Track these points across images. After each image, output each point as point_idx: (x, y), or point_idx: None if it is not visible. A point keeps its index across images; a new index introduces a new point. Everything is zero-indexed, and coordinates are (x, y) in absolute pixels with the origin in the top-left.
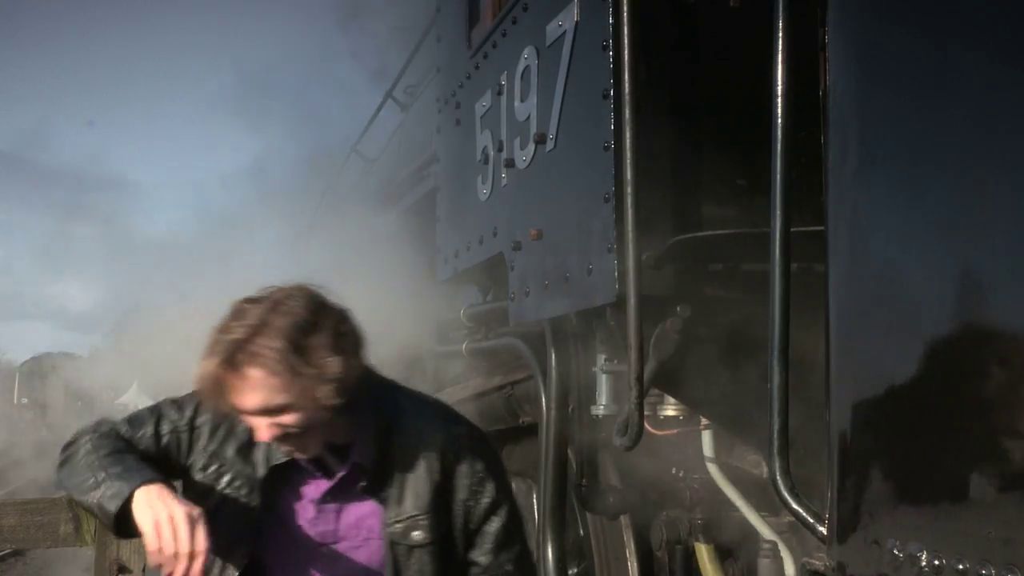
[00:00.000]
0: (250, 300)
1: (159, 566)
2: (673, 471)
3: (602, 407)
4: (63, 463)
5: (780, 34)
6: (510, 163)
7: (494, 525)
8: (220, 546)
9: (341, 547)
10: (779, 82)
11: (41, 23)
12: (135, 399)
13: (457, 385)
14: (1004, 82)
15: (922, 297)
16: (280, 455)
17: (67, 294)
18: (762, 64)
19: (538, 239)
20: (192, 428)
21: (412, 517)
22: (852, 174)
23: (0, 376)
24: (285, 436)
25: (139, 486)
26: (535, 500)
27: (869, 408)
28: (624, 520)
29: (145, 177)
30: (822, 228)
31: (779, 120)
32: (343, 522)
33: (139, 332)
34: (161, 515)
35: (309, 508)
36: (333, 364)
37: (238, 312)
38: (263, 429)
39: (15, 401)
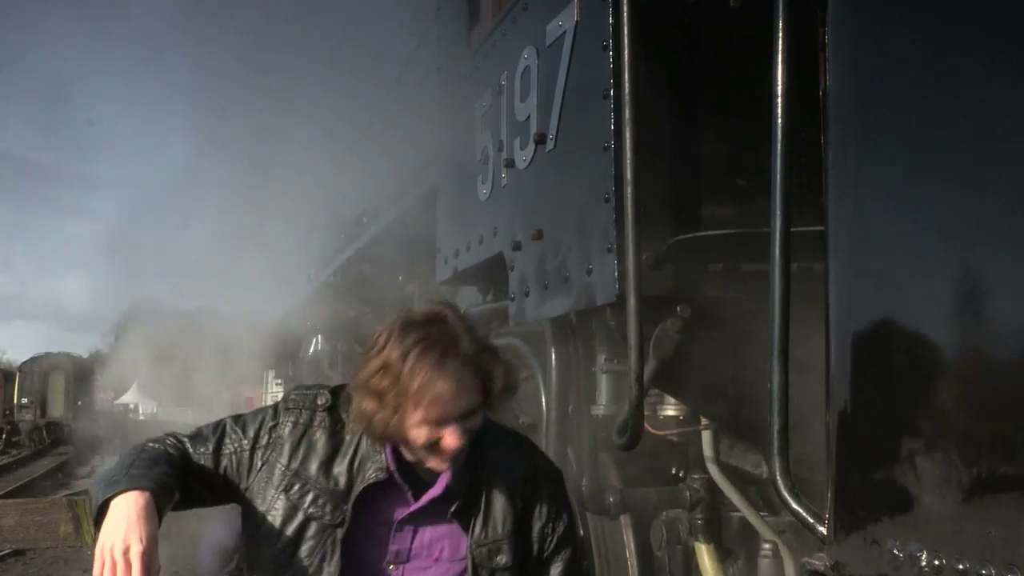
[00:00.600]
0: (411, 317)
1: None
2: (673, 471)
3: (602, 407)
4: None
5: (780, 34)
6: (510, 163)
7: (565, 555)
8: (307, 567)
9: (410, 567)
10: (779, 82)
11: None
12: (135, 399)
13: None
14: (1004, 82)
15: (922, 297)
16: (372, 473)
17: (67, 294)
18: (762, 64)
19: (538, 239)
20: (255, 449)
21: (496, 541)
22: (852, 174)
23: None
24: (462, 448)
25: (126, 490)
26: None
27: (869, 408)
28: (624, 520)
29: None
30: (822, 228)
31: (779, 120)
32: (417, 543)
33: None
34: (116, 543)
35: (386, 528)
36: (500, 367)
37: (408, 325)
38: (454, 436)
39: (15, 401)
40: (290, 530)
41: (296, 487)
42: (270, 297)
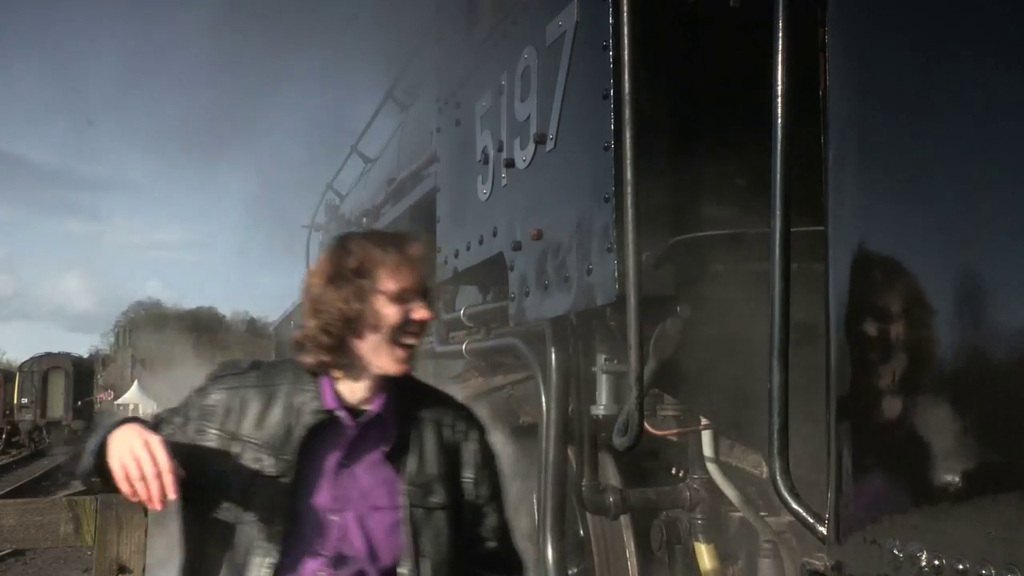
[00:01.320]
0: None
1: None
2: (673, 471)
3: (602, 407)
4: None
5: (780, 34)
6: (510, 163)
7: (496, 501)
8: (259, 520)
9: (350, 515)
10: (779, 82)
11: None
12: (135, 399)
13: (457, 385)
14: (1004, 82)
15: (922, 297)
16: (310, 416)
17: (67, 294)
18: (762, 64)
19: (538, 239)
20: (187, 422)
21: (429, 481)
22: (852, 174)
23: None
24: (426, 327)
25: (110, 432)
26: (535, 500)
27: (869, 408)
28: (624, 520)
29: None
30: (822, 228)
31: (779, 120)
32: (356, 490)
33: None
34: (123, 451)
35: (327, 475)
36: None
37: (344, 239)
38: (423, 309)
39: (15, 401)
40: (237, 489)
41: (235, 446)
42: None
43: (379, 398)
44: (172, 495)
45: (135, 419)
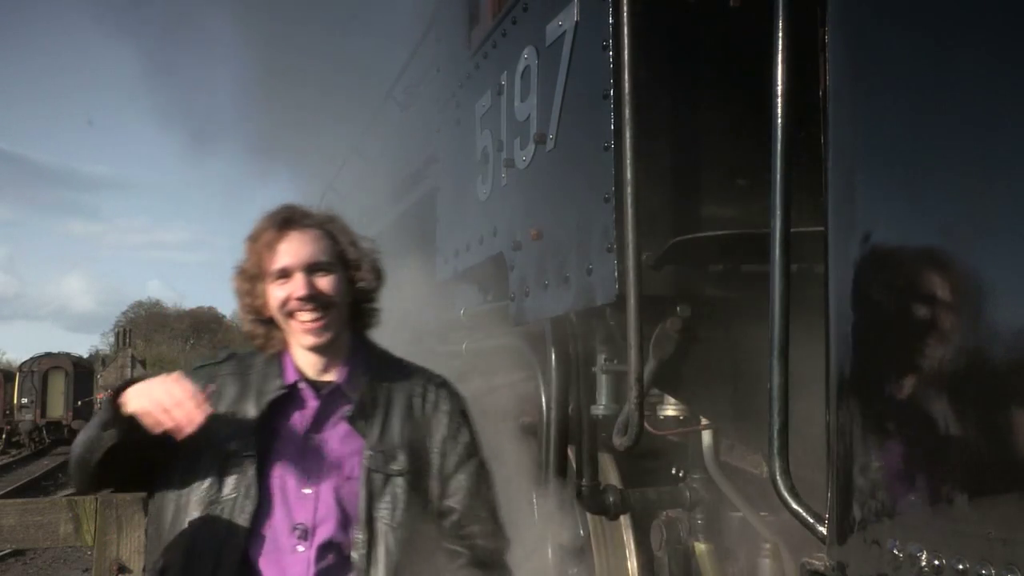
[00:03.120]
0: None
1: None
2: (673, 471)
3: (602, 407)
4: (77, 447)
5: (780, 34)
6: (510, 163)
7: (467, 471)
8: (233, 499)
9: (324, 488)
10: (779, 82)
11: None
12: None
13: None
14: (1004, 82)
15: (922, 297)
16: (273, 392)
17: (69, 294)
18: (762, 63)
19: (538, 239)
20: None
21: (392, 448)
22: (852, 174)
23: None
24: (315, 301)
25: (119, 391)
26: (535, 500)
27: (869, 408)
28: (624, 520)
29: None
30: (822, 228)
31: (779, 120)
32: (326, 461)
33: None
34: (148, 389)
35: (296, 449)
36: (371, 260)
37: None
38: (300, 283)
39: (15, 401)
40: (212, 470)
41: (212, 427)
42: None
43: (342, 370)
44: (204, 413)
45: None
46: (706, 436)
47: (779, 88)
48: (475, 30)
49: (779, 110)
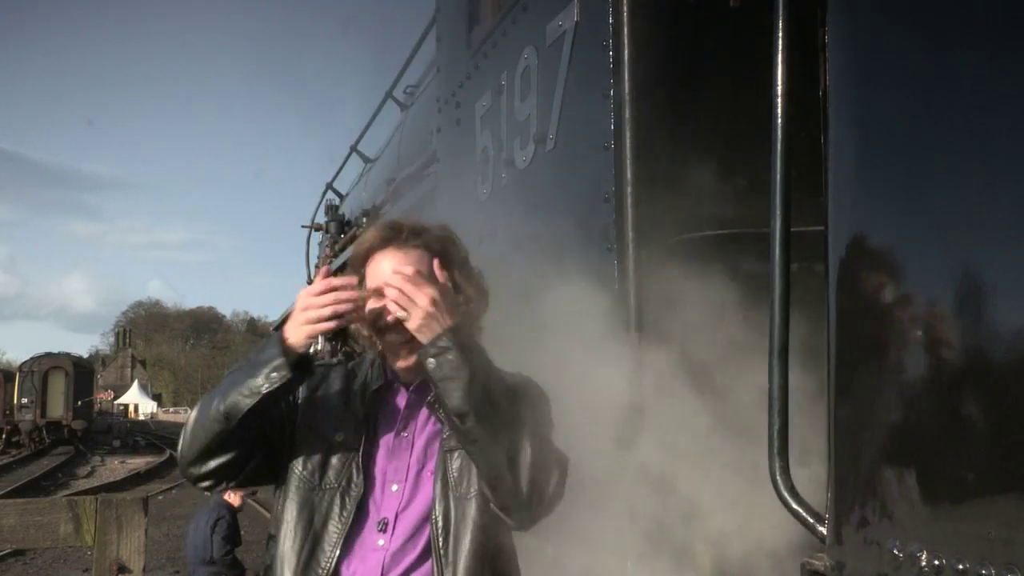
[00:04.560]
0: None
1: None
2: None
3: None
4: (207, 402)
5: (780, 34)
6: (510, 163)
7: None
8: (335, 488)
9: (409, 484)
10: (779, 82)
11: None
12: (135, 399)
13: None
14: (1004, 81)
15: (922, 296)
16: (369, 391)
17: (70, 294)
18: (762, 63)
19: (538, 239)
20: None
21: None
22: (852, 174)
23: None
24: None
25: (279, 338)
26: None
27: (869, 408)
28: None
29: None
30: (822, 228)
31: (779, 120)
32: (414, 456)
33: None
34: (307, 301)
35: (387, 446)
36: (478, 283)
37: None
38: (386, 303)
39: (15, 401)
40: (316, 457)
41: (318, 415)
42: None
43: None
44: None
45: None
46: (706, 436)
47: (779, 88)
48: (475, 30)
49: (779, 110)
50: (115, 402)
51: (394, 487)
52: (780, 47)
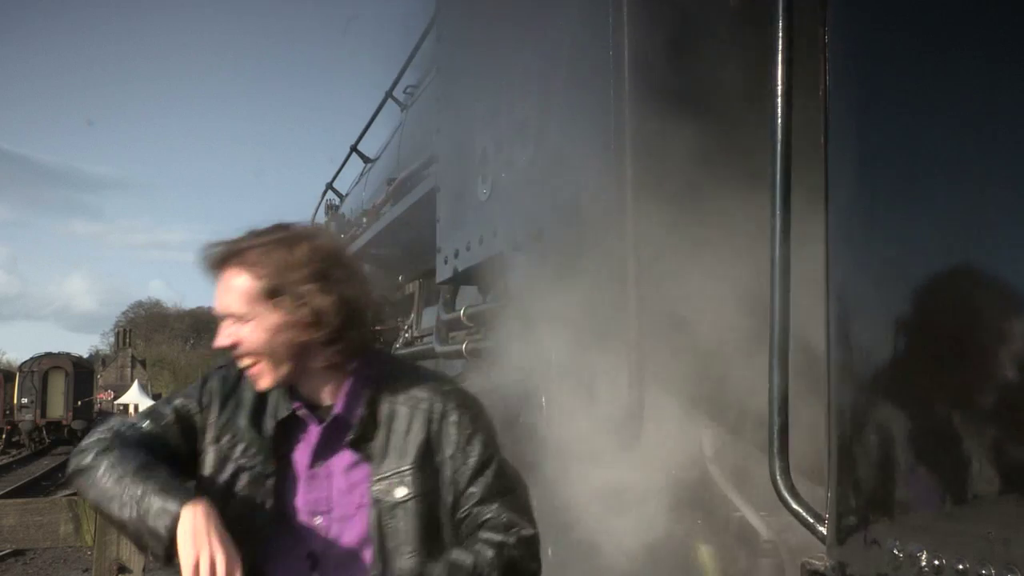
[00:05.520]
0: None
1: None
2: (673, 471)
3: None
4: (83, 471)
5: (780, 34)
6: (510, 163)
7: (484, 480)
8: (241, 516)
9: (335, 516)
10: (779, 82)
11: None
12: (135, 399)
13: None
14: (1005, 82)
15: (922, 296)
16: (276, 418)
17: (71, 294)
18: (762, 63)
19: (538, 239)
20: (202, 408)
21: (397, 473)
22: (852, 174)
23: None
24: (240, 350)
25: (184, 506)
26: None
27: (869, 408)
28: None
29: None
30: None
31: (779, 120)
32: (335, 489)
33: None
34: (203, 555)
35: (303, 477)
36: (314, 299)
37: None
38: (219, 334)
39: (15, 401)
40: (223, 481)
41: (226, 438)
42: None
43: (341, 395)
44: None
45: (204, 500)
46: (706, 436)
47: (779, 88)
48: (475, 30)
49: (779, 110)
50: (115, 402)
51: (317, 519)
52: (780, 47)
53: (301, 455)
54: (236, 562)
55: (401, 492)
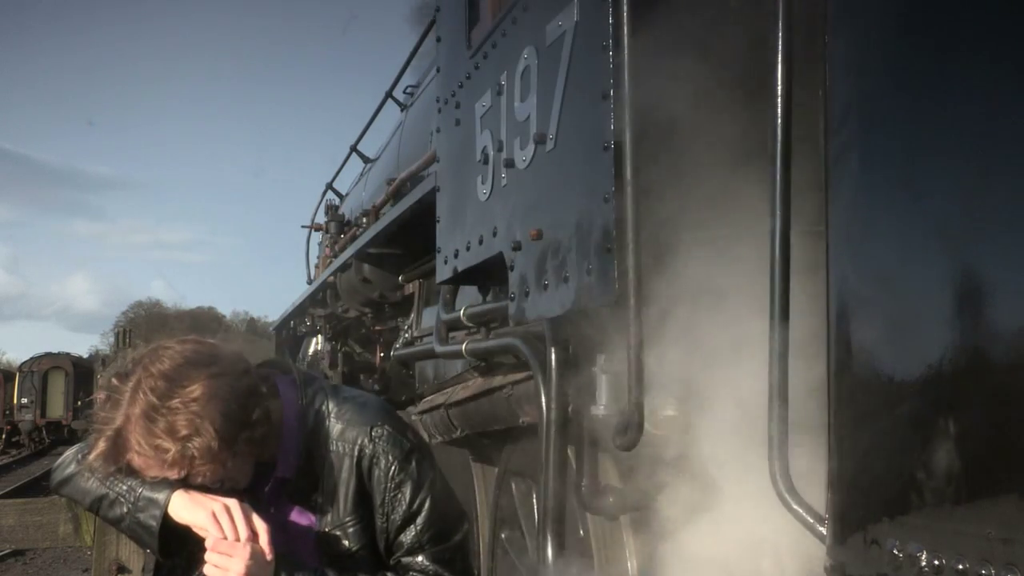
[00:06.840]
0: (120, 376)
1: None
2: (673, 471)
3: (602, 407)
4: (66, 481)
5: (780, 34)
6: (510, 163)
7: (411, 531)
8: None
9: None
10: (779, 82)
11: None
12: None
13: (457, 385)
14: (1004, 82)
15: (922, 297)
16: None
17: (72, 294)
18: (762, 63)
19: (538, 239)
20: None
21: (340, 524)
22: (852, 174)
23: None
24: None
25: (172, 492)
26: (535, 500)
27: (869, 408)
28: (624, 520)
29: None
30: (822, 228)
31: (779, 120)
32: (287, 545)
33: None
34: (214, 506)
35: (269, 519)
36: (198, 430)
37: (108, 398)
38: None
39: (15, 401)
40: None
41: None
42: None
43: (282, 457)
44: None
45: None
46: (706, 436)
47: (779, 88)
48: (475, 30)
49: (779, 110)
50: None
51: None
52: (780, 47)
53: (259, 503)
54: (246, 505)
55: (346, 544)
